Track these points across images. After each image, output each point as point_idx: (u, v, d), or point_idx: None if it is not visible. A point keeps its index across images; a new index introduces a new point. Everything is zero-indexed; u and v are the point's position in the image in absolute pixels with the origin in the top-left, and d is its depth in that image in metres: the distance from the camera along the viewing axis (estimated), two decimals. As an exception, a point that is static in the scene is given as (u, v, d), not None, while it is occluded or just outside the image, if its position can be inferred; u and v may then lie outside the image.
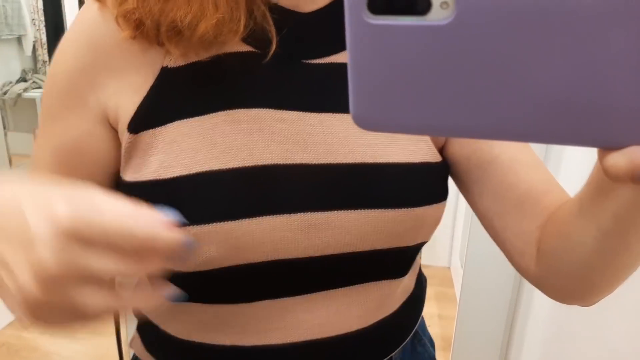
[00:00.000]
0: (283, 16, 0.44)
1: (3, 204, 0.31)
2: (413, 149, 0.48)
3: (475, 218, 0.60)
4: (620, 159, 0.22)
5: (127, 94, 0.45)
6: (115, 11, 0.42)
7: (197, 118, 0.43)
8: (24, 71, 3.22)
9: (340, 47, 0.47)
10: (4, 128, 2.68)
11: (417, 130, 0.25)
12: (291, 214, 0.44)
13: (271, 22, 0.43)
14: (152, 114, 0.44)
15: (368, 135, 0.46)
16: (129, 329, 1.22)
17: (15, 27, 3.12)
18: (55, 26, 2.52)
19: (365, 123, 0.25)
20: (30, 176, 0.47)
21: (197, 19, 0.40)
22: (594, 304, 0.46)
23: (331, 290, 0.47)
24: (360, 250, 0.46)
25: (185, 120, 0.43)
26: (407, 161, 0.47)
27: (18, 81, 3.18)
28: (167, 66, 0.43)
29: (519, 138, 0.24)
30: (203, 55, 0.43)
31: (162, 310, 0.51)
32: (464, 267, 1.60)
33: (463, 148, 0.50)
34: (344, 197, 0.45)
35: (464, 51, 0.23)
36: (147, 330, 0.53)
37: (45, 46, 2.99)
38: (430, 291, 0.89)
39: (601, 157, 0.23)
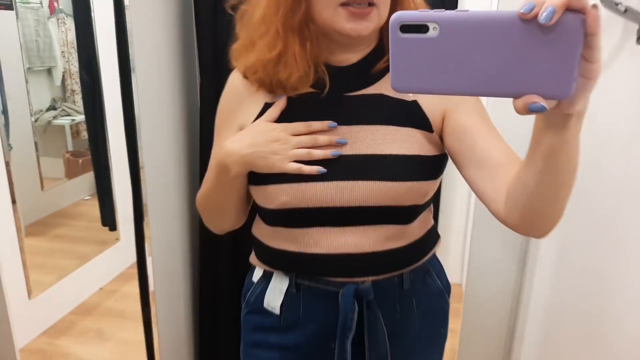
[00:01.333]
0: (333, 69, 0.80)
1: (238, 143, 0.79)
2: (408, 146, 0.79)
3: (474, 235, 1.14)
4: (520, 101, 0.43)
5: (249, 116, 0.84)
6: (250, 76, 0.81)
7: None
8: (53, 100, 3.41)
9: (365, 85, 0.82)
10: (36, 151, 2.86)
11: (424, 91, 0.47)
12: (329, 182, 0.78)
13: (327, 75, 0.79)
14: None
15: (377, 137, 0.79)
16: (159, 339, 1.40)
17: (47, 59, 3.33)
18: (87, 58, 2.71)
19: (398, 88, 0.47)
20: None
21: (290, 77, 0.77)
22: (545, 234, 0.68)
23: (355, 227, 0.80)
24: (371, 205, 0.78)
25: None
26: (403, 153, 0.78)
27: (48, 109, 3.37)
28: (267, 102, 0.83)
29: (481, 93, 0.45)
30: (289, 95, 0.81)
31: (266, 231, 0.87)
32: (466, 283, 1.70)
33: (456, 140, 0.77)
34: (363, 173, 0.77)
35: (447, 49, 0.44)
36: (257, 244, 0.91)
37: (75, 76, 3.18)
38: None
39: (513, 102, 0.44)
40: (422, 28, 0.43)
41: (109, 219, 2.40)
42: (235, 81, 0.86)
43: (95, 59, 2.53)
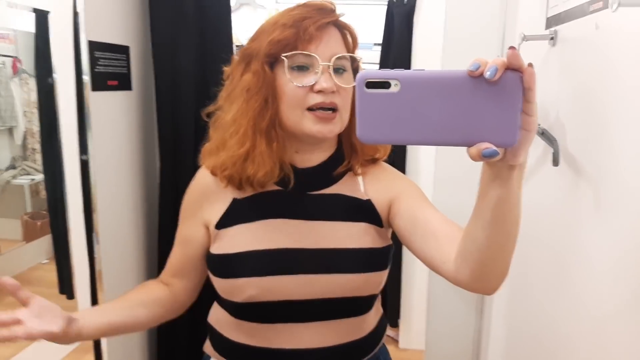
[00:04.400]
0: (298, 170, 0.86)
1: None
2: (363, 240, 0.85)
3: (432, 299, 1.42)
4: (474, 148, 0.48)
5: (215, 212, 0.88)
6: (219, 173, 0.85)
7: (248, 223, 0.85)
8: (13, 159, 3.34)
9: (327, 185, 0.88)
10: (-7, 214, 2.78)
11: (387, 141, 0.53)
12: (294, 275, 0.81)
13: (292, 173, 0.84)
14: (226, 221, 0.86)
15: (337, 232, 0.85)
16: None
17: (8, 119, 3.30)
18: (48, 118, 2.69)
19: (364, 139, 0.51)
20: None
21: (257, 173, 0.82)
22: (495, 289, 0.71)
23: (319, 322, 0.84)
24: (334, 297, 0.82)
25: (242, 224, 0.85)
26: (358, 247, 0.85)
27: (7, 168, 3.30)
28: (236, 198, 0.87)
29: (438, 142, 0.49)
30: (255, 192, 0.86)
31: (227, 323, 0.88)
32: (426, 348, 1.70)
33: (402, 219, 0.84)
34: (325, 266, 0.82)
35: (407, 103, 0.48)
36: (215, 335, 0.92)
37: (37, 135, 3.14)
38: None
39: (468, 150, 0.49)
40: (385, 84, 0.49)
41: (66, 287, 2.32)
42: (203, 177, 0.91)
43: (55, 119, 2.51)
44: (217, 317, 0.92)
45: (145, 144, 1.55)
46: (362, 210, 0.87)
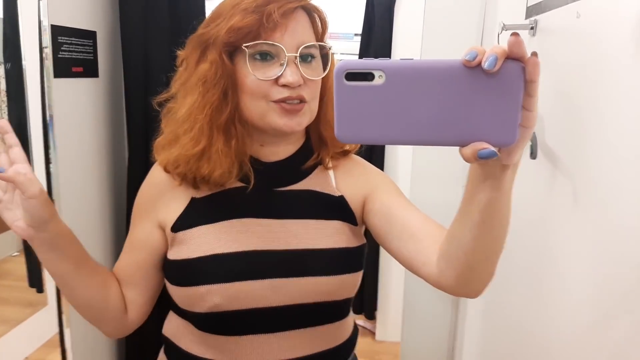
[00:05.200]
0: (261, 164, 0.79)
1: None
2: (336, 239, 0.79)
3: (408, 291, 1.35)
4: (468, 148, 0.43)
5: (171, 213, 0.80)
6: (172, 171, 0.77)
7: (209, 225, 0.77)
8: (-18, 149, 3.26)
9: (295, 180, 0.81)
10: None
11: (369, 141, 0.45)
12: (263, 280, 0.74)
13: (252, 170, 0.77)
14: (184, 222, 0.78)
15: (309, 231, 0.78)
16: None
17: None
18: (17, 108, 2.61)
19: (343, 139, 0.45)
20: None
21: (213, 172, 0.74)
22: (479, 293, 0.65)
23: (291, 331, 0.76)
24: (307, 302, 0.75)
25: (203, 226, 0.77)
26: (332, 247, 0.78)
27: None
28: (194, 197, 0.80)
29: (427, 142, 0.44)
30: (215, 190, 0.78)
31: (187, 336, 0.80)
32: (402, 340, 1.69)
33: (376, 218, 0.79)
34: (293, 269, 0.75)
35: (391, 98, 0.43)
36: (172, 348, 0.83)
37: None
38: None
39: (460, 151, 0.43)
40: (367, 76, 0.43)
41: (35, 280, 2.25)
42: (156, 174, 0.83)
43: (24, 112, 2.44)
44: (175, 328, 0.83)
45: (113, 134, 1.49)
46: (334, 208, 0.81)
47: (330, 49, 0.78)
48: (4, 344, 2.22)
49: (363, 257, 0.83)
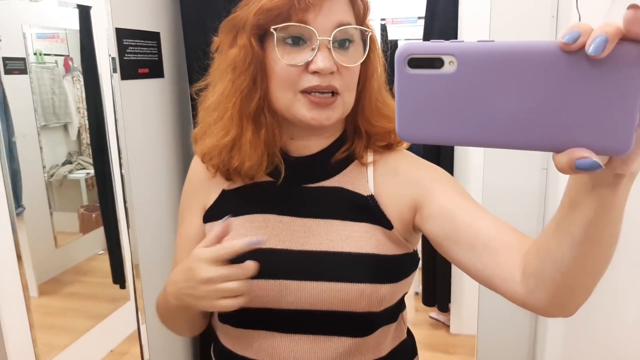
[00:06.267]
0: (292, 159, 0.75)
1: (176, 277, 0.69)
2: (362, 243, 0.70)
3: (483, 288, 0.83)
4: (564, 156, 0.34)
5: (210, 199, 0.79)
6: (207, 162, 0.77)
7: (235, 218, 0.74)
8: (69, 154, 3.47)
9: (327, 176, 0.75)
10: (50, 207, 2.89)
11: (436, 141, 0.37)
12: (278, 280, 0.70)
13: (283, 164, 0.73)
14: (212, 214, 0.79)
15: (331, 232, 0.71)
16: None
17: (62, 116, 3.42)
18: (95, 113, 2.77)
19: (405, 137, 0.38)
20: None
21: (243, 164, 0.71)
22: (573, 313, 0.56)
23: (304, 335, 0.72)
24: (319, 309, 0.69)
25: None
26: (354, 251, 0.70)
27: (64, 163, 3.43)
28: (224, 189, 0.79)
29: (508, 145, 0.35)
30: (246, 182, 0.77)
31: (218, 325, 0.80)
32: (478, 334, 1.60)
33: (436, 224, 0.68)
34: (311, 273, 0.70)
35: (463, 89, 0.35)
36: (213, 338, 0.83)
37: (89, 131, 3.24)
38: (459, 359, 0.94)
39: (554, 158, 0.35)
40: (435, 62, 0.35)
41: (118, 277, 2.38)
42: (196, 165, 0.83)
43: (102, 114, 2.58)
44: (215, 318, 0.84)
45: (181, 132, 1.52)
46: (362, 208, 0.72)
47: (372, 31, 0.70)
48: (91, 337, 2.37)
49: (400, 269, 0.72)
